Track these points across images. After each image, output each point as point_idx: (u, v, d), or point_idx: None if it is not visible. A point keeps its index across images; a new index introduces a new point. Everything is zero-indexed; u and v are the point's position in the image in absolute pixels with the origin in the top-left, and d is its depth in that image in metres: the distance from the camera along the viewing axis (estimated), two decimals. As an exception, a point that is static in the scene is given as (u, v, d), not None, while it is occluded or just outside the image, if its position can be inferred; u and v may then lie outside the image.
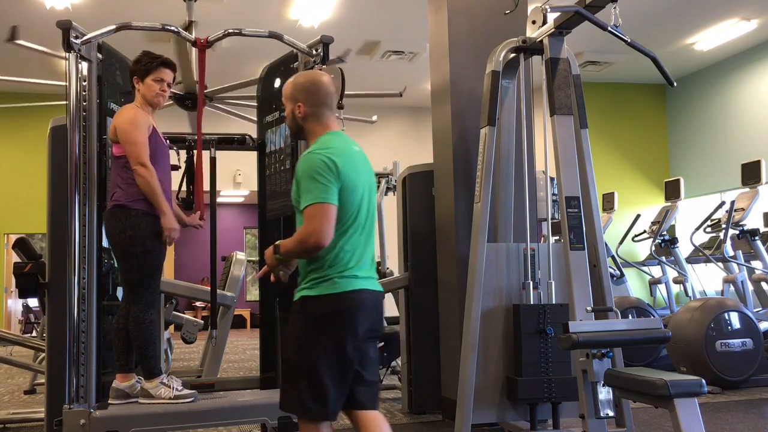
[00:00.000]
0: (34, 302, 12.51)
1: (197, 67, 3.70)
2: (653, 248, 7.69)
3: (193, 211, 3.70)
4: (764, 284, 6.74)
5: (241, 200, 15.06)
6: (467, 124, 4.37)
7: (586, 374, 2.98)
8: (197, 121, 3.64)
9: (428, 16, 4.80)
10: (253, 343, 10.86)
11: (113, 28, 3.32)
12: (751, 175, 6.76)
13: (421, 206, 4.80)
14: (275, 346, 3.81)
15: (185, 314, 6.31)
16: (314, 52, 3.56)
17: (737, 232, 6.68)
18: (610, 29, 3.24)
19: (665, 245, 7.76)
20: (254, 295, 14.69)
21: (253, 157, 4.15)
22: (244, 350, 9.85)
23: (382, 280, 5.86)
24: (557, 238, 6.57)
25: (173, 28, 3.50)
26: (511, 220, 4.08)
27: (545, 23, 3.59)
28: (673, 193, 7.89)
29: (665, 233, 7.77)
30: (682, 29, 10.11)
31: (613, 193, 8.71)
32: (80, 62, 3.25)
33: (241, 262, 5.68)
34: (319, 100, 2.48)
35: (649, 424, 4.26)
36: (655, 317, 4.85)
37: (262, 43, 4.30)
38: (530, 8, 3.92)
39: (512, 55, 3.84)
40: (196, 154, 3.66)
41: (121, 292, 3.65)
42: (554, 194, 4.85)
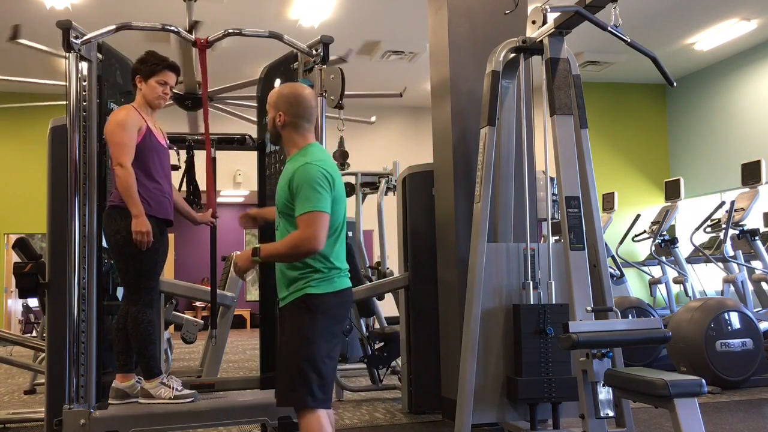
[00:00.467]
0: (34, 302, 12.52)
1: (198, 67, 3.70)
2: (653, 248, 7.69)
3: (196, 210, 3.70)
4: (764, 284, 6.74)
5: (241, 200, 15.06)
6: (467, 124, 4.37)
7: (586, 374, 2.98)
8: (204, 121, 3.64)
9: (428, 16, 4.80)
10: (253, 343, 10.86)
11: (113, 28, 3.31)
12: (751, 175, 6.77)
13: (421, 206, 4.80)
14: (275, 346, 3.81)
15: (185, 314, 6.31)
16: (314, 52, 3.56)
17: (737, 232, 6.68)
18: (610, 29, 3.24)
19: (665, 245, 7.76)
20: (254, 295, 14.69)
21: (253, 157, 4.15)
22: (244, 350, 9.85)
23: (382, 280, 5.88)
24: (557, 238, 6.57)
25: (173, 28, 3.49)
26: (511, 220, 4.08)
27: (545, 23, 3.59)
28: (673, 193, 7.90)
29: (665, 233, 7.77)
30: (682, 29, 10.11)
31: (613, 193, 8.71)
32: (80, 62, 3.25)
33: (241, 262, 5.66)
34: (298, 112, 2.67)
35: (649, 424, 4.26)
36: (655, 317, 4.85)
37: (262, 43, 4.30)
38: (530, 8, 3.92)
39: (512, 55, 3.84)
40: (205, 153, 3.66)
41: (121, 292, 3.65)
42: (554, 194, 4.85)
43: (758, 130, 10.80)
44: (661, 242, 7.72)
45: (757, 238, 6.61)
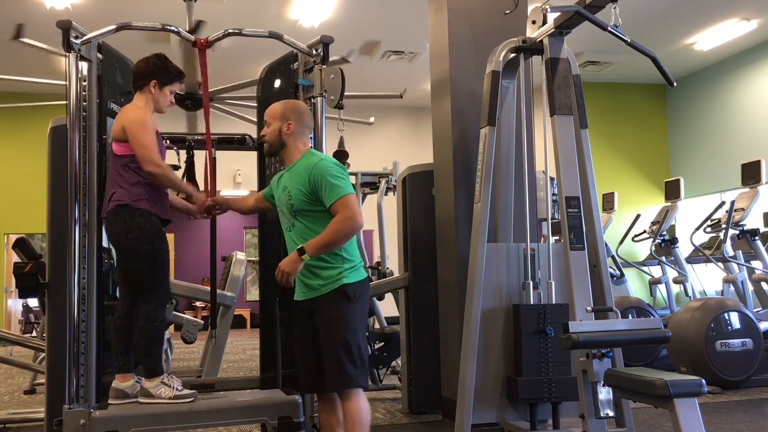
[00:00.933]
0: (34, 302, 12.51)
1: (200, 67, 3.69)
2: (653, 248, 7.69)
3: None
4: (764, 284, 6.74)
5: (241, 200, 15.05)
6: (467, 124, 4.37)
7: (586, 374, 2.97)
8: (205, 121, 3.63)
9: (428, 16, 4.80)
10: (253, 343, 10.86)
11: (113, 28, 3.31)
12: (751, 175, 6.77)
13: (421, 206, 4.80)
14: (275, 346, 3.81)
15: (185, 314, 6.31)
16: (314, 52, 3.55)
17: (737, 232, 6.68)
18: (610, 29, 3.24)
19: (665, 245, 7.76)
20: (254, 295, 14.69)
21: (253, 157, 4.15)
22: (244, 350, 9.85)
23: (382, 280, 5.88)
24: (557, 238, 6.57)
25: (173, 28, 3.49)
26: (511, 220, 4.08)
27: (545, 23, 3.58)
28: (673, 193, 7.90)
29: (665, 233, 7.78)
30: (682, 29, 10.11)
31: (613, 193, 8.71)
32: (80, 62, 3.25)
33: (241, 262, 5.67)
34: (304, 121, 3.02)
35: (649, 424, 4.26)
36: (655, 317, 4.85)
37: (262, 43, 4.29)
38: (530, 8, 3.92)
39: (512, 55, 3.83)
40: (206, 154, 3.65)
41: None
42: (554, 194, 4.85)
43: (758, 130, 10.80)
44: (661, 242, 7.72)
45: (757, 238, 6.61)
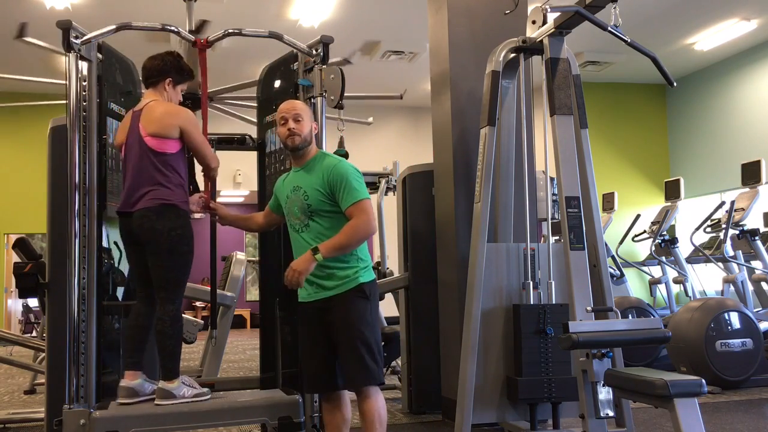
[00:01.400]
0: (34, 302, 12.51)
1: (199, 67, 3.69)
2: (653, 248, 7.69)
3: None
4: (764, 284, 6.74)
5: (241, 200, 15.06)
6: (467, 124, 4.37)
7: (586, 374, 2.97)
8: (203, 121, 3.64)
9: (428, 16, 4.80)
10: (253, 343, 10.86)
11: (113, 28, 3.31)
12: (751, 175, 6.77)
13: (421, 206, 4.80)
14: (275, 346, 3.81)
15: (185, 314, 6.30)
16: (314, 52, 3.55)
17: (737, 232, 6.68)
18: (610, 29, 3.24)
19: (665, 245, 7.77)
20: (254, 295, 14.69)
21: (253, 157, 4.15)
22: (244, 350, 9.85)
23: (382, 280, 5.88)
24: (557, 238, 6.57)
25: (173, 28, 3.49)
26: (511, 220, 4.08)
27: (545, 23, 3.59)
28: (673, 193, 7.90)
29: (665, 233, 7.78)
30: (682, 29, 10.11)
31: (613, 193, 8.71)
32: (80, 62, 3.25)
33: (241, 262, 5.67)
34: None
35: (649, 424, 4.26)
36: (655, 317, 4.85)
37: (262, 43, 4.29)
38: (530, 8, 3.92)
39: (512, 55, 3.83)
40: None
41: (121, 292, 3.65)
42: (554, 194, 4.85)
43: (758, 130, 10.80)
44: (661, 242, 7.72)
45: (757, 238, 6.61)
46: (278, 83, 3.93)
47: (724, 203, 6.78)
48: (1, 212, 11.54)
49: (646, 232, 8.19)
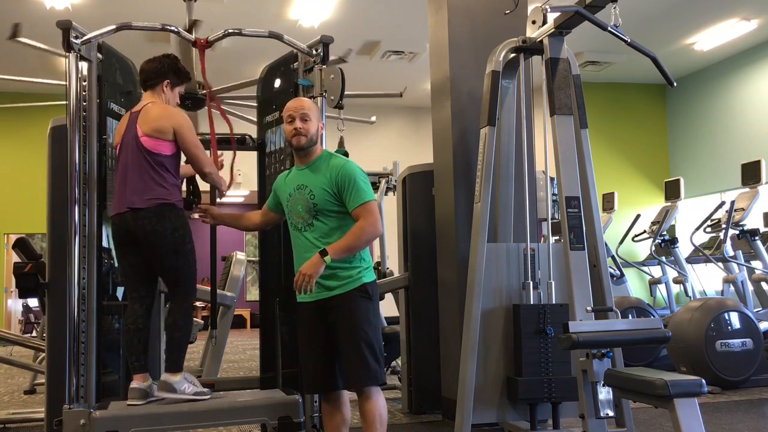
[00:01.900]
0: (34, 302, 12.50)
1: (199, 67, 3.69)
2: (653, 248, 7.69)
3: (192, 211, 3.68)
4: (764, 284, 6.74)
5: (241, 200, 15.06)
6: (467, 124, 4.37)
7: (586, 374, 2.97)
8: (209, 120, 3.64)
9: (428, 16, 4.80)
10: (253, 343, 10.86)
11: (113, 28, 3.31)
12: (751, 175, 6.77)
13: (421, 206, 4.80)
14: (275, 346, 3.81)
15: (185, 314, 6.29)
16: (314, 52, 3.56)
17: (737, 232, 6.68)
18: (610, 29, 3.24)
19: (665, 245, 7.77)
20: (254, 295, 14.69)
21: (253, 157, 4.15)
22: (244, 350, 9.85)
23: (382, 280, 5.88)
24: (557, 238, 6.57)
25: (173, 28, 3.49)
26: (511, 220, 4.08)
27: (545, 23, 3.59)
28: (673, 193, 7.90)
29: (665, 233, 7.78)
30: (682, 29, 10.11)
31: (613, 193, 8.71)
32: (80, 62, 3.25)
33: (241, 262, 5.68)
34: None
35: (649, 424, 4.26)
36: (655, 317, 4.85)
37: (262, 43, 4.29)
38: (530, 8, 3.92)
39: (512, 55, 3.83)
40: (211, 153, 3.66)
41: (121, 292, 3.65)
42: (554, 194, 4.85)
43: (758, 130, 10.80)
44: (661, 242, 7.72)
45: (757, 238, 6.61)
46: (278, 83, 3.93)
47: (724, 203, 6.78)
48: (1, 212, 11.54)
49: (646, 232, 8.19)
